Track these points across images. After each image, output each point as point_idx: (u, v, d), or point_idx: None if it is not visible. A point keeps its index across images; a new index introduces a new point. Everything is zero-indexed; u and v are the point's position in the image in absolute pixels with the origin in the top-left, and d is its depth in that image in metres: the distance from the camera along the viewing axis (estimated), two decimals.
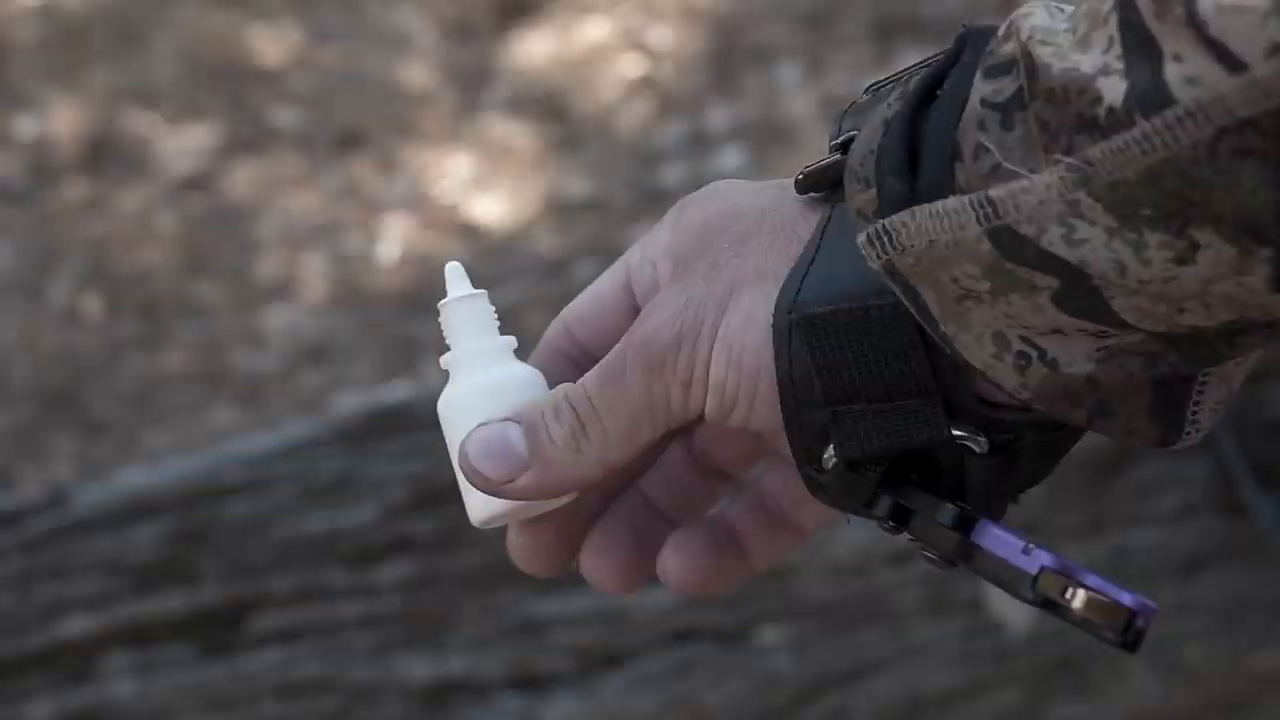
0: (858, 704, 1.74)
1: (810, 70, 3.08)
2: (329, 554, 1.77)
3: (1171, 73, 0.53)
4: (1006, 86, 0.58)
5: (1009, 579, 0.62)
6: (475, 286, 0.71)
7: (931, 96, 0.61)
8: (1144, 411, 0.61)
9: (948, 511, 0.63)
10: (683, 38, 3.18)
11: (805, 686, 1.74)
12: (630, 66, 3.13)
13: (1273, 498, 1.74)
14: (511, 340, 0.70)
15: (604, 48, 3.17)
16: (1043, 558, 0.61)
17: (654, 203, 2.83)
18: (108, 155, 3.08)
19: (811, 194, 0.65)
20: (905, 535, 0.65)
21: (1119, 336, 0.59)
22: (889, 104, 0.62)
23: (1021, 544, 0.62)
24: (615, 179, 2.95)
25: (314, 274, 2.90)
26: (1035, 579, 0.61)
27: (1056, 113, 0.56)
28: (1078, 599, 0.60)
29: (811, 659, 1.74)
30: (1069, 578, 0.61)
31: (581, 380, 0.66)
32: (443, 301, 0.71)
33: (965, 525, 0.63)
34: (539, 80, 3.14)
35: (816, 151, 0.68)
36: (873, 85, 0.66)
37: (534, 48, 3.19)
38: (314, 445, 1.82)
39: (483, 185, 2.98)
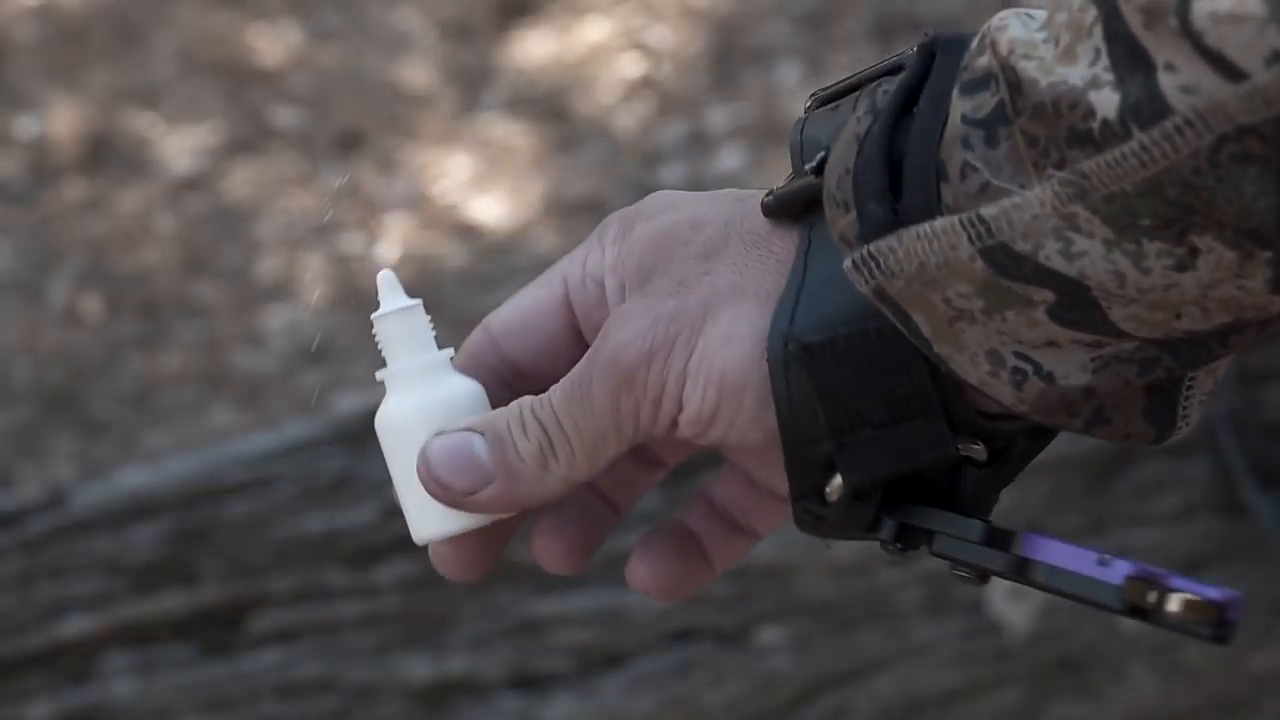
0: (857, 704, 1.74)
1: (810, 70, 3.08)
2: (329, 554, 1.77)
3: (1166, 83, 0.53)
4: (986, 102, 0.57)
5: (1087, 591, 0.61)
6: (422, 295, 0.69)
7: (904, 113, 0.60)
8: (1138, 414, 0.61)
9: (975, 528, 0.63)
10: (683, 38, 3.18)
11: (805, 686, 1.74)
12: (630, 66, 3.13)
13: (1273, 498, 1.74)
14: (449, 352, 0.68)
15: (604, 48, 3.17)
16: (1124, 567, 0.61)
17: None
18: (108, 155, 3.08)
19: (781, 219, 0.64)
20: (909, 553, 0.64)
21: (1114, 345, 0.59)
22: (859, 119, 0.61)
23: (1094, 555, 0.61)
24: (615, 179, 2.95)
25: (314, 274, 2.90)
26: (1121, 589, 0.60)
27: (1046, 127, 0.55)
28: (1172, 603, 0.60)
29: (811, 659, 1.74)
30: (1154, 583, 0.60)
31: (546, 395, 0.65)
32: (376, 314, 0.68)
33: (998, 539, 0.62)
34: (539, 80, 3.14)
35: None
36: (819, 95, 0.64)
37: (534, 48, 3.19)
38: (314, 445, 1.82)
39: (482, 185, 2.98)
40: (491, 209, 2.95)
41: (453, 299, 2.75)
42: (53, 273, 2.92)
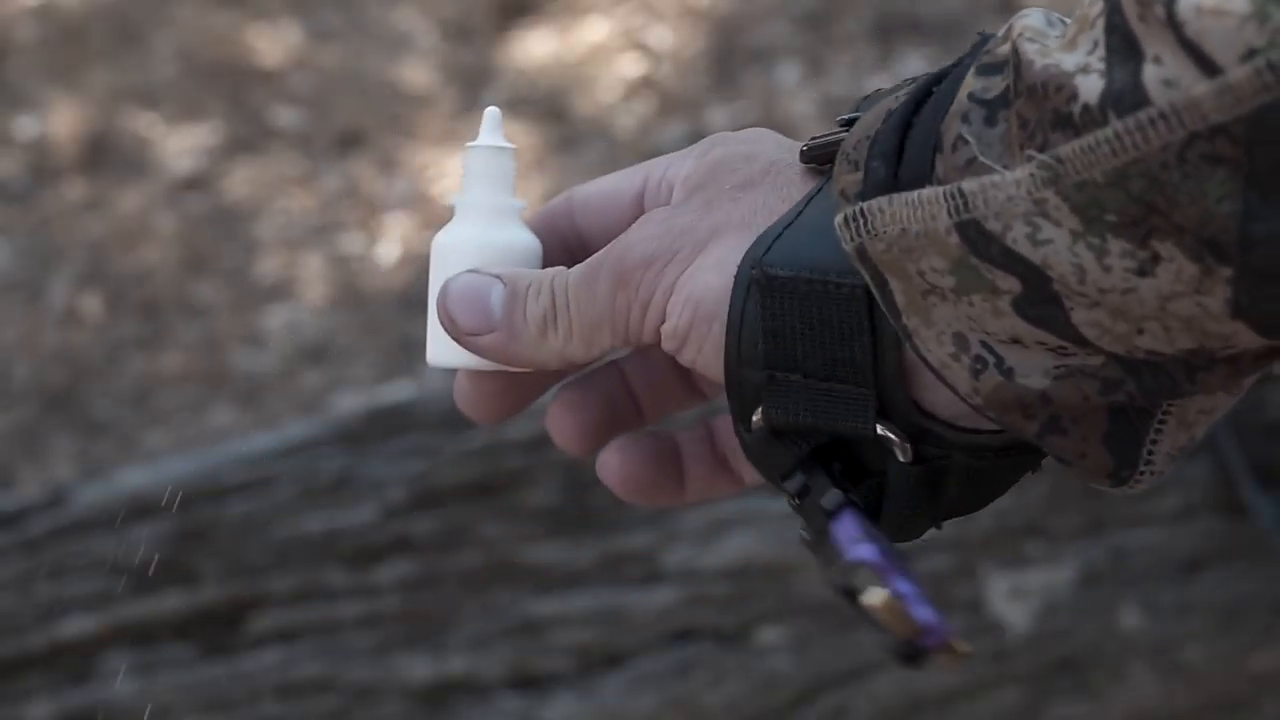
0: (857, 704, 1.74)
1: (810, 70, 3.08)
2: (329, 554, 1.77)
3: (1150, 74, 0.53)
4: (995, 85, 0.58)
5: (828, 558, 0.63)
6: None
7: (932, 92, 0.62)
8: (1098, 436, 0.61)
9: (832, 496, 0.64)
10: (683, 38, 3.18)
11: (805, 686, 1.74)
12: (630, 66, 3.14)
13: (1273, 498, 1.74)
14: (523, 205, 0.71)
15: (604, 48, 3.18)
16: (867, 551, 0.62)
17: None
18: (108, 155, 3.08)
19: (812, 165, 0.66)
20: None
21: (1079, 356, 0.59)
22: (897, 96, 0.63)
23: (860, 534, 0.62)
24: None
25: (314, 274, 2.90)
26: (850, 566, 0.62)
27: (1035, 109, 0.56)
28: (875, 596, 0.61)
29: (811, 659, 1.74)
30: (880, 577, 0.61)
31: (569, 271, 0.67)
32: (471, 143, 0.71)
33: (838, 511, 0.64)
34: (539, 80, 3.15)
35: None
36: (908, 80, 0.66)
37: (534, 48, 3.19)
38: (314, 445, 1.82)
39: None
40: None
41: None
42: (53, 273, 2.93)
